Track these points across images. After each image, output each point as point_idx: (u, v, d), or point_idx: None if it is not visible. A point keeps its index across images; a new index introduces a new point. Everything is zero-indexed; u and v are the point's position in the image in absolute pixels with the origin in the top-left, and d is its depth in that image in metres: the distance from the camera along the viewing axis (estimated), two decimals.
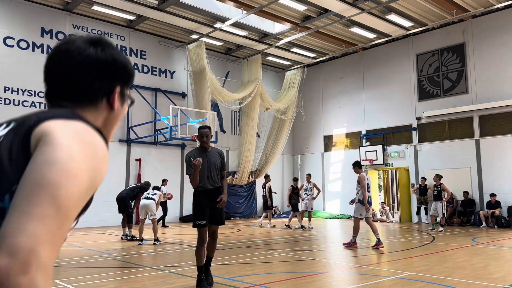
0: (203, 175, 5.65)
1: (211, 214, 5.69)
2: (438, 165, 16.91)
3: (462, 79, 17.09)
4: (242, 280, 6.20)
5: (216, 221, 5.76)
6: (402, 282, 6.06)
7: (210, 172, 5.71)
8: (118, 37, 17.58)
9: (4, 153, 0.93)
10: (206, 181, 5.67)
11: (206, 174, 5.67)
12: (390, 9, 15.98)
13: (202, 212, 5.63)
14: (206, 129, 5.88)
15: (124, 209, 11.61)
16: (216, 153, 5.88)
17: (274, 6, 15.58)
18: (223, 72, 20.81)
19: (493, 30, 16.33)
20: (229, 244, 10.67)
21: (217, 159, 5.81)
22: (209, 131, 5.88)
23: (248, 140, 20.25)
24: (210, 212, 5.68)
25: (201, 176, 5.62)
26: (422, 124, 18.20)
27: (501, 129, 15.86)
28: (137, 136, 17.19)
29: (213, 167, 5.74)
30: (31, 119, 0.97)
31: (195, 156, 5.60)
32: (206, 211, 5.64)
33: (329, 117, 22.03)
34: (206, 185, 5.67)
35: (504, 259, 7.95)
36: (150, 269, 7.16)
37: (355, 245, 10.00)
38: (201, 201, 5.67)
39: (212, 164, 5.73)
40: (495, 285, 5.78)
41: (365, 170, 19.74)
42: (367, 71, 20.48)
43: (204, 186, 5.67)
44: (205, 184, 5.67)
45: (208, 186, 5.68)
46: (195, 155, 5.65)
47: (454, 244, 10.34)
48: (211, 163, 5.73)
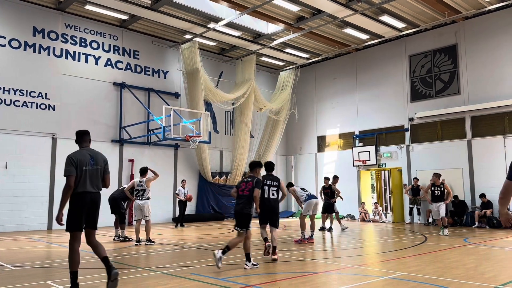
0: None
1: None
2: (430, 166, 17.01)
3: (454, 80, 17.22)
4: (235, 280, 6.19)
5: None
6: (395, 282, 6.08)
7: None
8: (111, 37, 17.48)
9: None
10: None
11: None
12: (383, 10, 16.06)
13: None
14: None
15: (116, 210, 11.54)
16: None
17: (268, 6, 15.59)
18: (216, 72, 20.78)
19: (485, 32, 16.47)
20: (223, 244, 10.63)
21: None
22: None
23: (241, 140, 20.24)
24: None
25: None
26: (415, 125, 18.31)
27: (492, 130, 15.99)
28: (129, 136, 17.10)
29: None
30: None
31: (77, 158, 5.56)
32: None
33: (322, 118, 22.09)
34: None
35: (495, 259, 8.01)
36: (143, 270, 7.12)
37: (305, 241, 10.61)
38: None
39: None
40: (486, 284, 5.82)
41: (358, 170, 19.88)
42: (360, 72, 20.56)
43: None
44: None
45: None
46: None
47: (446, 244, 10.41)
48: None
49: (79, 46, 16.61)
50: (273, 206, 8.28)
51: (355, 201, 19.78)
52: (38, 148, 15.19)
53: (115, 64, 17.53)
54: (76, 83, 16.36)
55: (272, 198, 8.30)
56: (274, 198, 8.34)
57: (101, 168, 5.70)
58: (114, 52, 17.55)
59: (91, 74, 16.82)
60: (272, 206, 8.26)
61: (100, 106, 16.87)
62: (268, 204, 8.22)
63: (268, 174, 8.58)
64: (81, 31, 16.67)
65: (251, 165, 7.95)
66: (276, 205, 8.37)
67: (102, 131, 16.80)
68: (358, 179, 20.11)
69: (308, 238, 10.87)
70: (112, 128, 17.12)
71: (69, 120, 15.91)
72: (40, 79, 15.51)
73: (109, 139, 16.95)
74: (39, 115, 15.33)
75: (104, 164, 5.77)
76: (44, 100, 15.52)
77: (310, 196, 11.26)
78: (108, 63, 17.34)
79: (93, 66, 16.94)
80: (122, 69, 17.69)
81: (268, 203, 8.23)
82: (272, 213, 8.27)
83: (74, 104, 16.19)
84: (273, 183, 8.37)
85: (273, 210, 8.30)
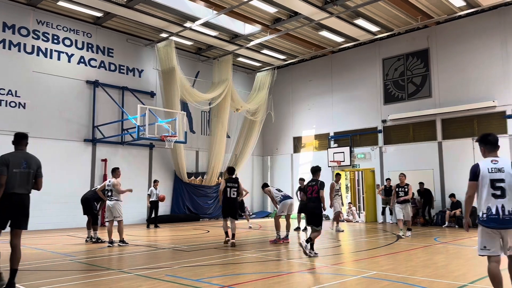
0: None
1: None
2: (402, 167, 17.35)
3: (426, 83, 17.66)
4: (211, 281, 6.17)
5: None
6: (368, 281, 6.19)
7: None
8: (85, 34, 17.13)
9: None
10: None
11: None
12: (358, 14, 16.31)
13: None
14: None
15: (89, 211, 11.31)
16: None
17: (245, 7, 15.60)
18: (193, 72, 20.65)
19: (456, 37, 16.96)
20: (198, 245, 10.59)
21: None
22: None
23: (218, 140, 20.17)
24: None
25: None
26: (388, 127, 18.68)
27: (462, 132, 16.48)
28: (103, 135, 16.79)
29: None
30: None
31: (10, 159, 5.70)
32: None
33: (298, 119, 22.26)
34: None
35: (464, 258, 8.25)
36: (116, 272, 7.01)
37: (280, 241, 10.75)
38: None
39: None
40: (456, 283, 6.00)
41: (333, 171, 20.13)
42: (335, 74, 20.83)
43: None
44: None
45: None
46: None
47: (418, 243, 10.66)
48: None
49: (51, 43, 16.19)
50: (233, 203, 10.40)
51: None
52: (6, 147, 14.62)
53: (89, 62, 17.18)
54: (48, 81, 15.95)
55: (232, 197, 10.37)
56: (234, 197, 10.39)
57: (33, 172, 5.87)
58: (87, 50, 17.19)
59: (63, 71, 16.43)
60: (232, 203, 10.38)
61: (72, 105, 16.50)
62: (229, 201, 10.34)
63: (230, 177, 10.62)
64: (53, 28, 16.26)
65: (313, 170, 9.41)
66: (235, 202, 10.48)
67: (74, 130, 16.44)
68: (333, 180, 20.30)
69: (283, 238, 10.94)
70: (84, 127, 16.77)
71: (40, 118, 15.50)
72: (10, 76, 15.03)
73: (81, 138, 16.60)
74: (9, 113, 14.85)
75: (37, 168, 5.95)
76: (14, 98, 15.06)
77: (285, 196, 11.34)
78: (81, 60, 16.98)
79: (66, 63, 16.55)
80: (95, 67, 17.35)
81: (229, 201, 10.35)
82: (232, 208, 10.38)
83: (46, 102, 15.77)
84: (233, 185, 10.44)
85: (233, 206, 10.40)
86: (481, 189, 4.61)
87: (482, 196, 4.59)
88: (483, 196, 4.58)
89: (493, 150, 4.77)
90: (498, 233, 4.50)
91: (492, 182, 4.55)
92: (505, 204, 4.49)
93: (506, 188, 4.50)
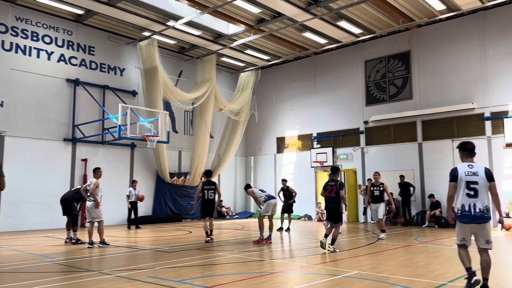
0: None
1: None
2: (383, 167, 17.58)
3: (407, 85, 17.93)
4: (193, 282, 6.12)
5: None
6: (349, 280, 6.24)
7: None
8: (65, 32, 16.82)
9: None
10: None
11: None
12: (341, 16, 16.45)
13: None
14: None
15: (68, 211, 11.12)
16: None
17: (229, 7, 15.56)
18: (176, 71, 20.50)
19: (436, 40, 17.26)
20: (180, 246, 10.51)
21: None
22: None
23: (201, 140, 20.06)
24: None
25: None
26: (369, 128, 18.89)
27: (442, 134, 16.78)
28: (83, 135, 16.52)
29: None
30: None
31: None
32: None
33: (282, 119, 22.32)
34: None
35: (444, 257, 8.40)
36: (96, 273, 6.90)
37: (263, 241, 10.73)
38: None
39: None
40: (435, 281, 6.10)
41: (316, 171, 20.25)
42: (318, 75, 20.97)
43: None
44: None
45: None
46: None
47: (398, 243, 10.80)
48: None
49: (31, 40, 15.85)
50: (211, 204, 11.45)
51: (312, 202, 20.12)
52: None
53: (69, 60, 16.88)
54: (27, 79, 15.60)
55: (210, 198, 11.38)
56: (212, 198, 11.41)
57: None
58: (68, 48, 16.89)
59: (43, 69, 16.10)
60: (210, 204, 11.42)
61: (52, 103, 16.18)
62: (208, 202, 11.37)
63: (208, 180, 11.55)
64: (32, 25, 15.91)
65: (333, 170, 9.95)
66: (213, 203, 11.56)
67: (54, 129, 16.13)
68: (316, 180, 20.47)
69: (266, 238, 10.94)
70: (64, 126, 16.47)
71: (19, 117, 15.15)
72: None
73: (61, 138, 16.30)
74: None
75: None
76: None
77: (270, 196, 11.34)
78: (61, 58, 16.67)
79: (46, 61, 16.23)
80: (76, 65, 17.06)
81: (208, 202, 11.38)
82: (210, 208, 11.42)
83: (24, 101, 15.42)
84: (211, 187, 11.40)
85: (211, 207, 11.47)
86: (458, 189, 5.45)
87: (459, 195, 5.42)
88: (459, 195, 5.42)
89: (470, 156, 5.60)
90: (469, 228, 5.36)
91: (467, 183, 5.38)
92: (477, 203, 5.31)
93: (478, 190, 5.33)
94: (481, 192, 5.31)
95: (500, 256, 8.91)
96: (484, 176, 5.36)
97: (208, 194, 11.30)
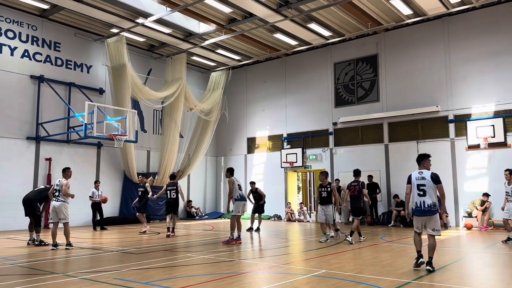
0: None
1: None
2: (351, 168, 17.64)
3: (375, 88, 18.34)
4: (160, 284, 6.04)
5: None
6: (317, 279, 6.32)
7: None
8: (29, 27, 16.25)
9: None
10: None
11: None
12: (311, 18, 16.65)
13: None
14: None
15: (31, 212, 10.75)
16: None
17: (199, 5, 15.45)
18: (145, 69, 20.17)
19: (403, 44, 17.74)
20: (147, 247, 10.35)
21: None
22: None
23: (170, 140, 19.81)
24: None
25: None
26: (338, 129, 19.21)
27: (407, 136, 17.26)
28: (47, 133, 16.00)
29: None
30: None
31: None
32: None
33: (252, 120, 22.36)
34: None
35: (409, 256, 8.63)
36: (61, 276, 6.69)
37: (233, 242, 10.74)
38: None
39: None
40: (400, 280, 6.26)
41: (286, 172, 20.40)
42: (289, 77, 21.14)
43: None
44: None
45: None
46: None
47: (365, 242, 11.02)
48: None
49: None
50: (173, 203, 13.18)
51: (282, 202, 20.26)
52: None
53: (33, 56, 16.31)
54: None
55: (173, 198, 13.15)
56: (174, 197, 13.15)
57: None
58: (32, 43, 16.32)
59: (5, 65, 15.49)
60: (173, 203, 13.17)
61: (14, 100, 15.59)
62: (171, 201, 13.15)
63: (170, 182, 13.41)
64: None
65: (356, 173, 11.59)
66: (176, 202, 13.23)
67: (16, 127, 15.55)
68: (286, 181, 20.63)
69: (236, 238, 10.92)
70: (27, 124, 15.90)
71: None
72: None
73: (23, 136, 15.73)
74: None
75: None
76: None
77: (242, 197, 11.19)
78: (25, 54, 16.09)
79: (8, 57, 15.62)
80: (41, 61, 16.50)
81: (171, 201, 13.16)
82: (173, 206, 13.16)
83: None
84: (173, 188, 13.16)
85: (174, 205, 13.20)
86: (413, 190, 7.22)
87: (413, 195, 7.21)
88: (413, 195, 7.21)
89: (420, 165, 7.44)
90: (420, 219, 7.18)
91: (418, 186, 7.16)
92: (425, 200, 7.04)
93: (426, 190, 7.06)
94: (428, 192, 7.02)
95: (462, 255, 9.24)
96: (430, 180, 7.06)
97: (170, 194, 13.16)
